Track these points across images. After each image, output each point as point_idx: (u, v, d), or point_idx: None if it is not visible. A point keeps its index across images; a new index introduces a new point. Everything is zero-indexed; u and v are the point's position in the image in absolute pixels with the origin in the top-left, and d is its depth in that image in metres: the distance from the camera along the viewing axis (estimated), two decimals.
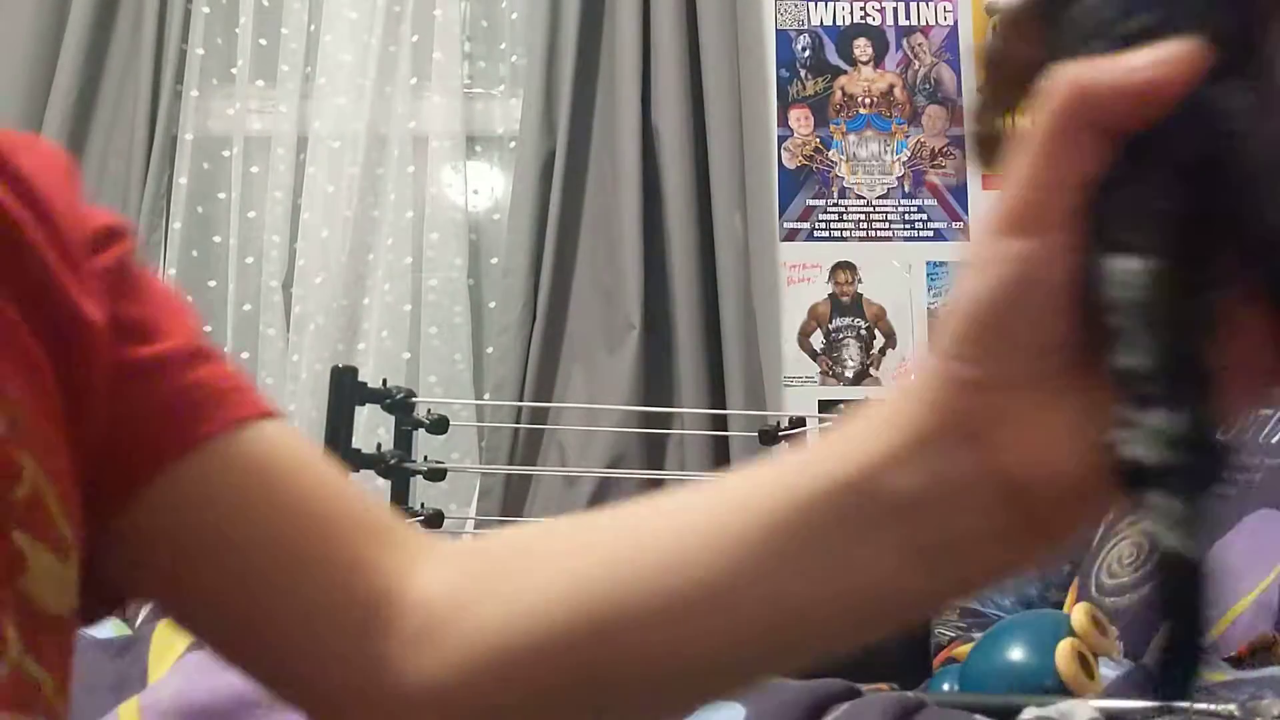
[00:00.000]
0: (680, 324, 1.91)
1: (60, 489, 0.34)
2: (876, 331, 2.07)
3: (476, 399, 1.96)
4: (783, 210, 2.11)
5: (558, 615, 0.35)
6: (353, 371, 1.55)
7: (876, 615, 0.33)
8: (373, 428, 1.77)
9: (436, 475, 1.55)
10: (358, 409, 1.54)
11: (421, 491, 1.65)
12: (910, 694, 0.65)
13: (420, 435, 1.58)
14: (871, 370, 2.05)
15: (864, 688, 0.69)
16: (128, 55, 2.08)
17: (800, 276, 2.09)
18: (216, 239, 2.06)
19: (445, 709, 0.37)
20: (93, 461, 0.36)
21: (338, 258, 1.99)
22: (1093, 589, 1.16)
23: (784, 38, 2.19)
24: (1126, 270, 0.26)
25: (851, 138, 2.15)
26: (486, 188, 2.22)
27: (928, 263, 2.09)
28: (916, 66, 2.18)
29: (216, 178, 2.08)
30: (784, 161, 2.14)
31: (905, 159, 2.14)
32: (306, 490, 0.41)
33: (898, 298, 2.08)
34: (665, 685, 0.36)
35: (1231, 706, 0.57)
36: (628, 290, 1.92)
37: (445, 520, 1.55)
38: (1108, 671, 0.79)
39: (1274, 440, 1.04)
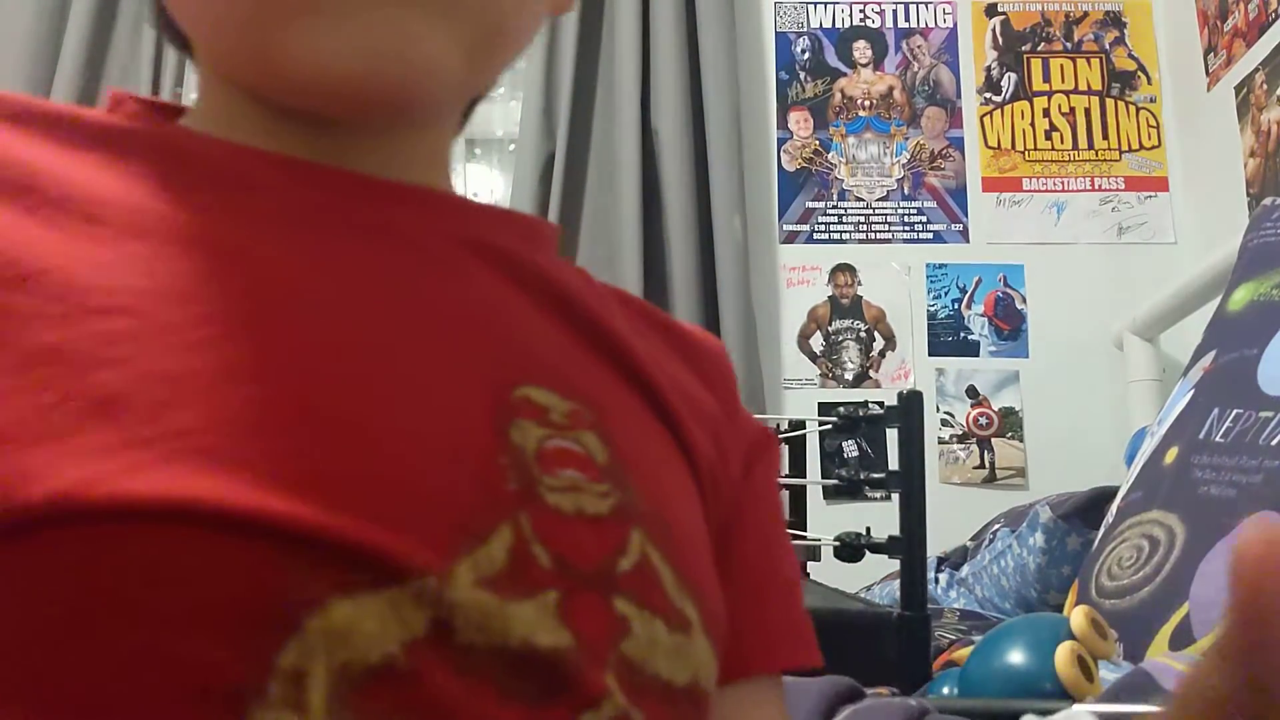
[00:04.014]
0: None
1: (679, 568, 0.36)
2: (876, 333, 2.07)
3: None
4: (782, 212, 2.12)
5: None
6: None
7: None
8: None
9: None
10: None
11: None
12: (913, 700, 0.65)
13: None
14: (871, 372, 2.05)
15: (865, 691, 0.69)
16: (127, 58, 2.09)
17: (800, 279, 2.09)
18: None
19: None
20: None
21: None
22: (1093, 591, 1.16)
23: (783, 40, 2.19)
24: None
25: (851, 140, 2.15)
26: (486, 190, 2.22)
27: (927, 264, 2.10)
28: (916, 68, 2.18)
29: None
30: (783, 164, 2.14)
31: (904, 161, 2.14)
32: None
33: (897, 299, 2.08)
34: None
35: None
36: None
37: None
38: (1107, 674, 0.79)
39: (1274, 442, 1.04)
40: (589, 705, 0.31)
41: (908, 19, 2.20)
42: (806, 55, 2.19)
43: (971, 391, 2.04)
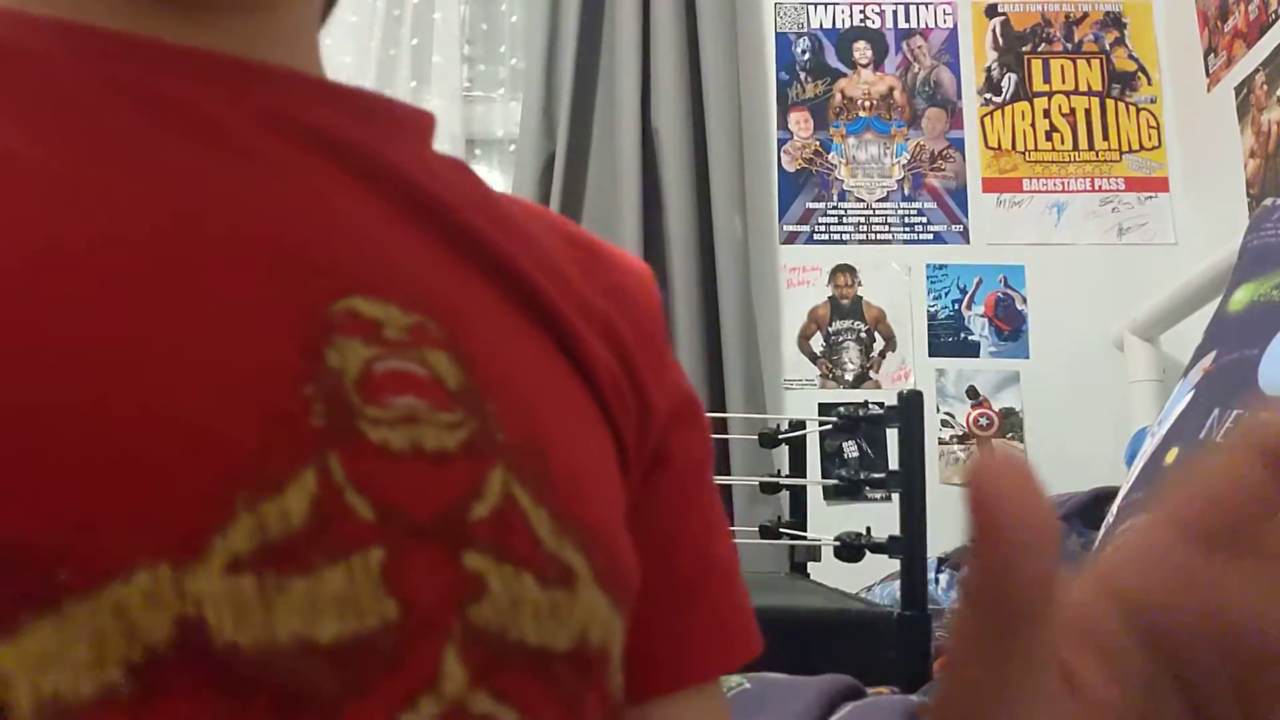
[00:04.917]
0: (680, 327, 1.91)
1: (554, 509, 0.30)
2: (876, 334, 2.07)
3: None
4: (782, 213, 2.11)
5: None
6: None
7: None
8: None
9: None
10: None
11: None
12: (914, 698, 0.64)
13: None
14: (871, 373, 2.05)
15: (866, 690, 0.69)
16: None
17: (800, 279, 2.09)
18: None
19: None
20: None
21: None
22: None
23: (784, 40, 2.19)
24: None
25: (851, 140, 2.15)
26: None
27: (927, 265, 2.09)
28: (916, 69, 2.18)
29: None
30: (784, 164, 2.14)
31: (905, 162, 2.14)
32: None
33: (897, 300, 2.08)
34: None
35: None
36: None
37: None
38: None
39: None
40: (408, 699, 0.25)
41: (908, 19, 2.20)
42: (807, 56, 2.19)
43: (972, 392, 2.04)
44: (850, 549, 1.05)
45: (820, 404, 1.99)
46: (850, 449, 1.98)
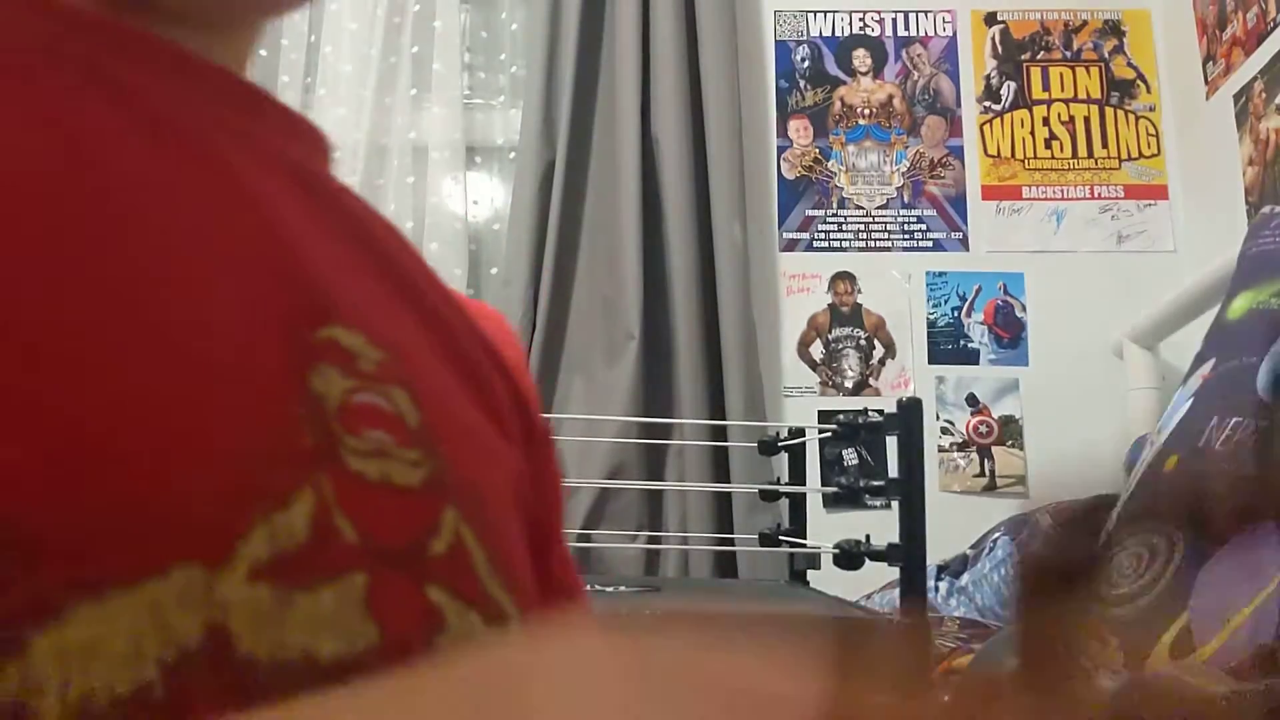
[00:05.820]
0: (680, 334, 1.91)
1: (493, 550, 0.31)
2: (876, 341, 2.07)
3: None
4: (782, 220, 2.12)
5: None
6: None
7: None
8: None
9: None
10: None
11: None
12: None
13: None
14: (871, 380, 2.05)
15: None
16: None
17: (799, 287, 2.09)
18: None
19: None
20: None
21: None
22: None
23: (783, 48, 2.19)
24: None
25: (851, 148, 2.15)
26: (486, 198, 2.22)
27: (927, 273, 2.09)
28: (915, 77, 2.19)
29: None
30: (783, 172, 2.14)
31: (904, 169, 2.14)
32: None
33: (897, 308, 2.08)
34: None
35: None
36: (627, 300, 1.92)
37: None
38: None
39: None
40: None
41: (907, 28, 2.21)
42: (806, 64, 2.19)
43: (971, 399, 2.04)
44: (849, 556, 1.05)
45: (820, 411, 2.00)
46: (850, 457, 1.98)
